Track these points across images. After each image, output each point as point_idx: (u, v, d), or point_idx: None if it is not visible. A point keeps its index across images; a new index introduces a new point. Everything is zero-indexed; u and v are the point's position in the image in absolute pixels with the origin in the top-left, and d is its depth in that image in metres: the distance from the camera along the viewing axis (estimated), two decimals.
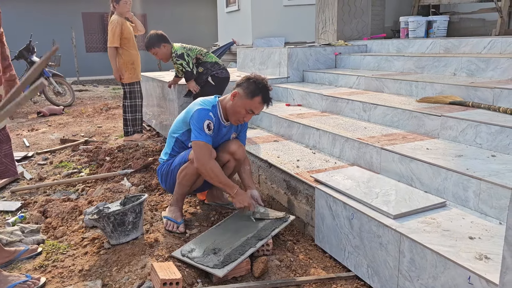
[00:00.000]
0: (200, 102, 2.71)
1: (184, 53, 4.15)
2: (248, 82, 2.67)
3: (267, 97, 2.67)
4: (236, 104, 2.67)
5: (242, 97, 2.65)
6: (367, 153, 2.84)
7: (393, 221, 2.04)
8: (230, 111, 2.71)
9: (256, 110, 2.68)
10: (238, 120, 2.73)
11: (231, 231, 2.50)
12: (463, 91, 3.24)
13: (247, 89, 2.65)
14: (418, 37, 6.04)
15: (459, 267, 1.65)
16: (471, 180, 2.14)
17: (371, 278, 2.15)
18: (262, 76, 2.72)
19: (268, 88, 2.68)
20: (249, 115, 2.71)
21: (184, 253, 2.29)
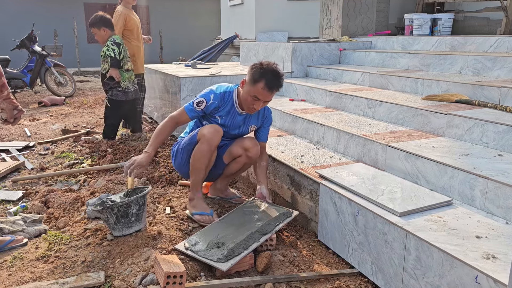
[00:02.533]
0: (218, 85, 2.76)
1: (121, 44, 4.40)
2: (254, 68, 2.61)
3: (271, 82, 2.54)
4: (244, 92, 2.63)
5: (248, 84, 2.61)
6: (372, 150, 2.83)
7: (399, 218, 2.03)
8: (242, 99, 2.67)
9: (261, 96, 2.57)
10: (249, 108, 2.66)
11: (235, 225, 2.48)
12: (469, 90, 3.22)
13: (251, 75, 2.59)
14: (422, 34, 6.02)
15: (466, 266, 1.64)
16: (478, 179, 2.13)
17: (375, 275, 2.14)
18: (270, 62, 2.63)
19: (274, 72, 2.56)
20: (257, 103, 2.61)
21: (187, 246, 2.28)
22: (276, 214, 2.58)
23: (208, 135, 2.58)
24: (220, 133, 2.63)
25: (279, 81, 2.59)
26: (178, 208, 2.91)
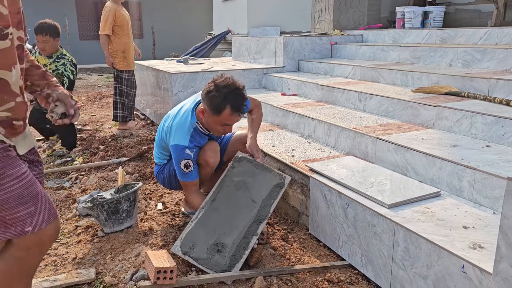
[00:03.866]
0: (177, 131, 2.47)
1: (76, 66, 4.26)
2: (209, 97, 2.32)
3: (236, 104, 2.31)
4: (208, 122, 2.40)
5: (209, 114, 2.35)
6: (362, 142, 2.84)
7: (388, 210, 2.04)
8: (208, 127, 2.47)
9: (231, 121, 2.38)
10: (220, 134, 2.50)
11: (229, 211, 2.33)
12: (458, 82, 3.24)
13: (211, 105, 2.32)
14: (414, 27, 6.02)
15: (453, 256, 1.66)
16: (466, 170, 2.15)
17: (365, 267, 2.15)
18: (224, 81, 2.33)
19: (235, 91, 2.31)
20: (228, 127, 2.43)
21: (185, 251, 2.17)
22: (269, 186, 2.43)
23: (212, 160, 2.52)
24: (218, 152, 2.59)
25: (243, 98, 2.36)
26: (169, 204, 2.91)
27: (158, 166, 2.76)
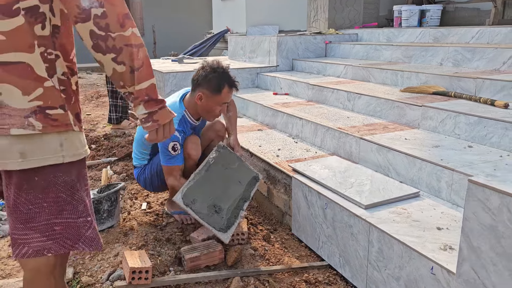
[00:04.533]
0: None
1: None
2: (207, 79, 2.46)
3: (232, 82, 2.52)
4: (208, 104, 2.50)
5: (209, 95, 2.47)
6: (346, 143, 2.83)
7: (364, 211, 2.04)
8: (203, 112, 2.56)
9: (228, 99, 2.57)
10: (216, 115, 2.61)
11: (221, 183, 2.41)
12: (446, 81, 3.22)
13: (210, 86, 2.46)
14: (411, 26, 5.99)
15: (423, 258, 1.65)
16: (444, 171, 2.14)
17: (343, 267, 2.15)
18: (215, 63, 2.52)
19: (228, 71, 2.53)
20: (223, 107, 2.58)
21: (187, 203, 2.23)
22: (248, 176, 2.55)
23: (194, 152, 2.54)
24: (200, 144, 2.62)
25: (232, 75, 2.55)
26: (154, 204, 2.92)
27: (138, 168, 2.74)
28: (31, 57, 1.10)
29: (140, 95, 1.21)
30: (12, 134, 1.10)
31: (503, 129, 2.35)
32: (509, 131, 2.32)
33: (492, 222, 1.25)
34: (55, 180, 1.19)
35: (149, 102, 1.24)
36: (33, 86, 1.11)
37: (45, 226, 1.20)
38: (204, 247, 2.26)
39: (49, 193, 1.18)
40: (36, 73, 1.11)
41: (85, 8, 1.08)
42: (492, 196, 1.24)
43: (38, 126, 1.12)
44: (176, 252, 2.30)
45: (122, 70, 1.16)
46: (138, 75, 1.18)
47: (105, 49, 1.12)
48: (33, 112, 1.12)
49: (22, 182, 1.15)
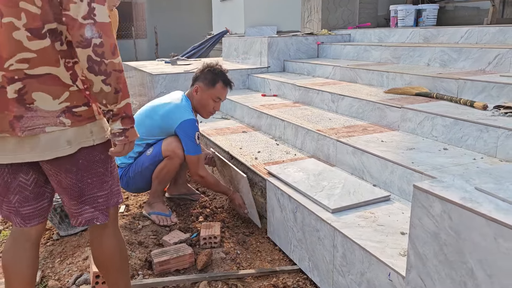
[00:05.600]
0: (181, 110, 2.63)
1: None
2: (204, 73, 2.75)
3: (227, 80, 2.75)
4: (202, 98, 2.73)
5: (204, 89, 2.72)
6: (324, 145, 2.81)
7: (331, 215, 2.01)
8: (198, 106, 2.76)
9: (222, 96, 2.77)
10: (210, 112, 2.80)
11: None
12: (430, 82, 3.18)
13: (205, 80, 2.72)
14: (407, 25, 5.93)
15: (381, 264, 1.63)
16: (414, 174, 2.11)
17: (312, 271, 2.13)
18: (214, 62, 2.80)
19: (224, 71, 2.76)
20: (217, 104, 2.78)
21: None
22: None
23: (179, 152, 2.59)
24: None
25: (229, 78, 2.79)
26: (133, 207, 2.92)
27: (121, 168, 2.75)
28: (57, 70, 1.35)
29: (120, 112, 1.43)
30: (47, 131, 1.36)
31: (478, 131, 2.31)
32: (484, 133, 2.28)
33: (435, 229, 1.22)
34: (93, 158, 1.49)
35: (125, 119, 1.45)
36: (61, 91, 1.37)
37: (92, 198, 1.52)
38: (174, 251, 2.25)
39: (91, 170, 1.49)
40: (62, 81, 1.37)
41: (87, 38, 1.30)
42: (435, 203, 1.21)
43: (68, 122, 1.38)
44: (147, 256, 2.29)
45: (108, 90, 1.38)
46: (121, 96, 1.41)
47: (97, 71, 1.34)
48: (62, 112, 1.37)
49: (71, 166, 1.45)
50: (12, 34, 1.28)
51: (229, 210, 2.95)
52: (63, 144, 1.40)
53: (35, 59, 1.31)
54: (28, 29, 1.29)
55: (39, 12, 1.29)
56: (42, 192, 1.55)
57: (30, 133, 1.35)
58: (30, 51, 1.30)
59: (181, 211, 2.88)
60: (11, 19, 1.27)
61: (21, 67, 1.30)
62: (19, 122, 1.33)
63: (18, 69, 1.30)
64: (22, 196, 1.51)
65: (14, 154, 1.39)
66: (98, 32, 1.31)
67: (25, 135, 1.34)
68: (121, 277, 1.72)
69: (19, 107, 1.33)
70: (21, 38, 1.29)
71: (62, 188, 1.49)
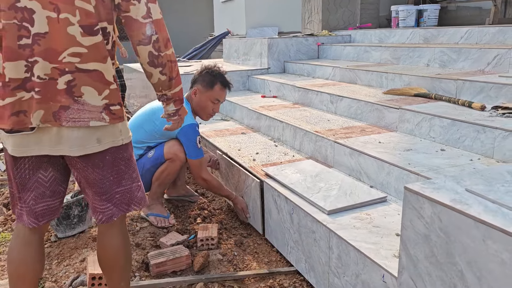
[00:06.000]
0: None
1: None
2: (202, 75, 2.76)
3: (225, 81, 2.76)
4: (201, 100, 2.74)
5: (203, 91, 2.73)
6: (322, 146, 2.80)
7: (327, 216, 2.01)
8: (197, 108, 2.77)
9: (221, 97, 2.78)
10: (209, 114, 2.81)
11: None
12: (428, 83, 3.17)
13: (204, 82, 2.73)
14: (408, 26, 5.92)
15: (375, 265, 1.62)
16: (410, 175, 2.10)
17: (308, 273, 2.13)
18: (212, 64, 2.82)
19: (223, 73, 2.78)
20: (216, 105, 2.79)
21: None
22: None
23: (181, 155, 2.61)
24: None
25: (228, 80, 2.80)
26: None
27: None
28: (104, 67, 1.43)
29: (174, 96, 1.64)
30: (91, 126, 1.42)
31: (475, 132, 2.30)
32: (481, 134, 2.27)
33: (426, 231, 1.22)
34: (118, 155, 1.55)
35: (177, 101, 1.67)
36: (103, 88, 1.44)
37: (111, 196, 1.57)
38: (171, 252, 2.26)
39: (114, 167, 1.54)
40: (106, 78, 1.44)
41: (148, 35, 1.44)
42: (425, 205, 1.21)
43: (107, 119, 1.45)
44: (144, 257, 2.30)
45: (164, 79, 1.54)
46: (174, 83, 1.59)
47: (156, 64, 1.49)
48: (104, 108, 1.44)
49: (98, 162, 1.50)
50: (66, 29, 1.36)
51: (227, 212, 2.95)
52: (93, 142, 1.46)
53: (87, 54, 1.39)
54: (82, 25, 1.37)
55: (94, 11, 1.39)
56: (58, 191, 1.58)
57: (74, 125, 1.40)
58: (82, 46, 1.38)
59: (179, 213, 2.89)
60: (67, 15, 1.35)
61: (72, 61, 1.38)
62: (65, 111, 1.39)
63: (70, 62, 1.37)
64: (38, 192, 1.53)
65: (50, 146, 1.43)
66: (155, 29, 1.45)
67: (69, 125, 1.40)
68: (124, 277, 1.73)
69: (68, 98, 1.39)
70: (74, 33, 1.37)
71: (88, 183, 1.54)
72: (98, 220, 1.60)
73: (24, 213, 1.54)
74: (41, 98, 1.38)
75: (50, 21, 1.34)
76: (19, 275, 1.58)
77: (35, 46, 1.35)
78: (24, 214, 1.54)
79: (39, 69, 1.36)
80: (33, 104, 1.38)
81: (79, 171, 1.51)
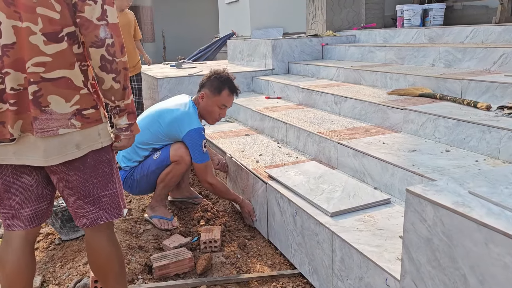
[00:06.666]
0: (188, 118, 2.61)
1: None
2: (211, 80, 2.74)
3: (234, 87, 2.75)
4: (208, 104, 2.73)
5: (210, 96, 2.71)
6: (326, 147, 2.79)
7: (330, 218, 1.99)
8: (204, 112, 2.76)
9: (228, 103, 2.76)
10: (216, 119, 2.80)
11: None
12: (433, 83, 3.14)
13: (212, 87, 2.72)
14: (413, 25, 5.88)
15: (378, 268, 1.60)
16: (414, 177, 2.08)
17: (312, 276, 2.11)
18: (222, 69, 2.79)
19: (231, 78, 2.76)
20: (223, 111, 2.78)
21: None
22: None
23: (187, 158, 2.61)
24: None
25: (236, 86, 2.79)
26: (135, 211, 2.92)
27: (125, 171, 2.76)
28: (72, 73, 1.39)
29: (126, 108, 1.53)
30: (60, 134, 1.39)
31: (480, 132, 2.28)
32: (486, 134, 2.24)
33: (428, 235, 1.20)
34: (100, 158, 1.53)
35: (131, 115, 1.56)
36: (73, 94, 1.40)
37: (96, 199, 1.55)
38: (173, 255, 2.25)
39: (97, 169, 1.52)
40: (75, 84, 1.41)
41: (102, 38, 1.38)
42: (428, 207, 1.19)
43: (78, 124, 1.42)
44: (147, 260, 2.29)
45: (117, 87, 1.46)
46: (128, 92, 1.51)
47: (109, 70, 1.43)
48: (73, 115, 1.41)
49: (79, 165, 1.48)
50: (28, 38, 1.32)
51: (231, 214, 2.94)
52: (72, 148, 1.43)
53: (51, 62, 1.36)
54: (44, 33, 1.33)
55: (58, 17, 1.35)
56: (43, 194, 1.57)
57: (43, 135, 1.38)
58: (45, 55, 1.35)
59: (182, 215, 2.88)
60: (28, 24, 1.32)
61: (37, 71, 1.35)
62: (34, 123, 1.37)
63: (35, 72, 1.35)
64: (24, 197, 1.52)
65: (27, 156, 1.42)
66: (110, 33, 1.39)
67: (38, 136, 1.38)
68: (120, 282, 1.71)
69: (35, 109, 1.37)
70: (37, 42, 1.33)
71: (69, 187, 1.51)
72: (82, 224, 1.58)
73: (9, 217, 1.53)
74: (18, 109, 1.37)
75: (17, 30, 1.32)
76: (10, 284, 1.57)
77: (4, 57, 1.33)
78: (9, 219, 1.53)
79: (11, 80, 1.35)
80: (10, 115, 1.37)
81: (59, 176, 1.49)
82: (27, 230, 1.57)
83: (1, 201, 1.53)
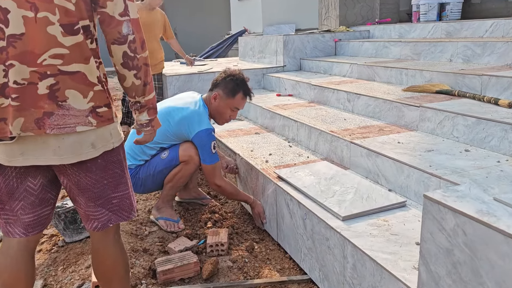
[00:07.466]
0: (198, 118, 2.54)
1: None
2: (225, 81, 2.65)
3: (248, 90, 2.69)
4: (220, 106, 2.66)
5: (223, 97, 2.64)
6: (338, 147, 2.68)
7: (342, 223, 1.89)
8: (215, 113, 2.69)
9: (240, 106, 2.71)
10: (226, 120, 2.74)
11: None
12: (451, 79, 3.00)
13: (226, 89, 2.64)
14: (429, 20, 5.71)
15: (393, 278, 1.50)
16: (431, 178, 1.96)
17: (322, 282, 2.01)
18: (237, 70, 2.73)
19: (246, 80, 2.69)
20: (234, 113, 2.72)
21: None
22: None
23: (197, 158, 2.55)
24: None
25: (249, 88, 2.72)
26: (141, 211, 2.86)
27: (130, 169, 2.68)
28: (87, 67, 1.34)
29: (147, 104, 1.51)
30: (77, 131, 1.34)
31: (502, 131, 2.14)
32: (509, 133, 2.11)
33: (448, 245, 1.09)
34: (111, 159, 1.47)
35: (151, 110, 1.54)
36: (88, 90, 1.35)
37: (106, 200, 1.49)
38: (178, 259, 2.17)
39: (108, 170, 1.47)
40: (89, 80, 1.35)
41: (124, 34, 1.36)
42: (448, 215, 1.08)
43: (94, 122, 1.36)
44: (151, 264, 2.22)
45: (138, 83, 1.44)
46: (149, 88, 1.49)
47: (131, 66, 1.40)
48: (90, 112, 1.36)
49: (91, 166, 1.42)
50: (46, 28, 1.27)
51: (240, 215, 2.85)
52: (88, 148, 1.38)
53: (69, 55, 1.30)
54: (62, 24, 1.29)
55: (74, 9, 1.31)
56: (47, 198, 1.50)
57: (60, 132, 1.31)
58: (63, 47, 1.29)
59: (189, 217, 2.80)
60: (46, 14, 1.26)
61: (54, 63, 1.29)
62: (49, 119, 1.30)
63: (52, 65, 1.28)
64: (27, 202, 1.45)
65: (35, 156, 1.34)
66: (132, 28, 1.37)
67: (54, 133, 1.30)
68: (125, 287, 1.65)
69: (51, 104, 1.30)
70: (55, 33, 1.28)
71: (79, 189, 1.45)
72: (93, 228, 1.51)
73: (10, 223, 1.46)
74: (20, 105, 1.29)
75: (27, 21, 1.25)
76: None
77: (10, 48, 1.26)
78: (10, 225, 1.46)
79: (15, 73, 1.27)
80: (12, 112, 1.29)
81: (69, 177, 1.42)
82: (28, 237, 1.50)
83: (3, 206, 1.46)
